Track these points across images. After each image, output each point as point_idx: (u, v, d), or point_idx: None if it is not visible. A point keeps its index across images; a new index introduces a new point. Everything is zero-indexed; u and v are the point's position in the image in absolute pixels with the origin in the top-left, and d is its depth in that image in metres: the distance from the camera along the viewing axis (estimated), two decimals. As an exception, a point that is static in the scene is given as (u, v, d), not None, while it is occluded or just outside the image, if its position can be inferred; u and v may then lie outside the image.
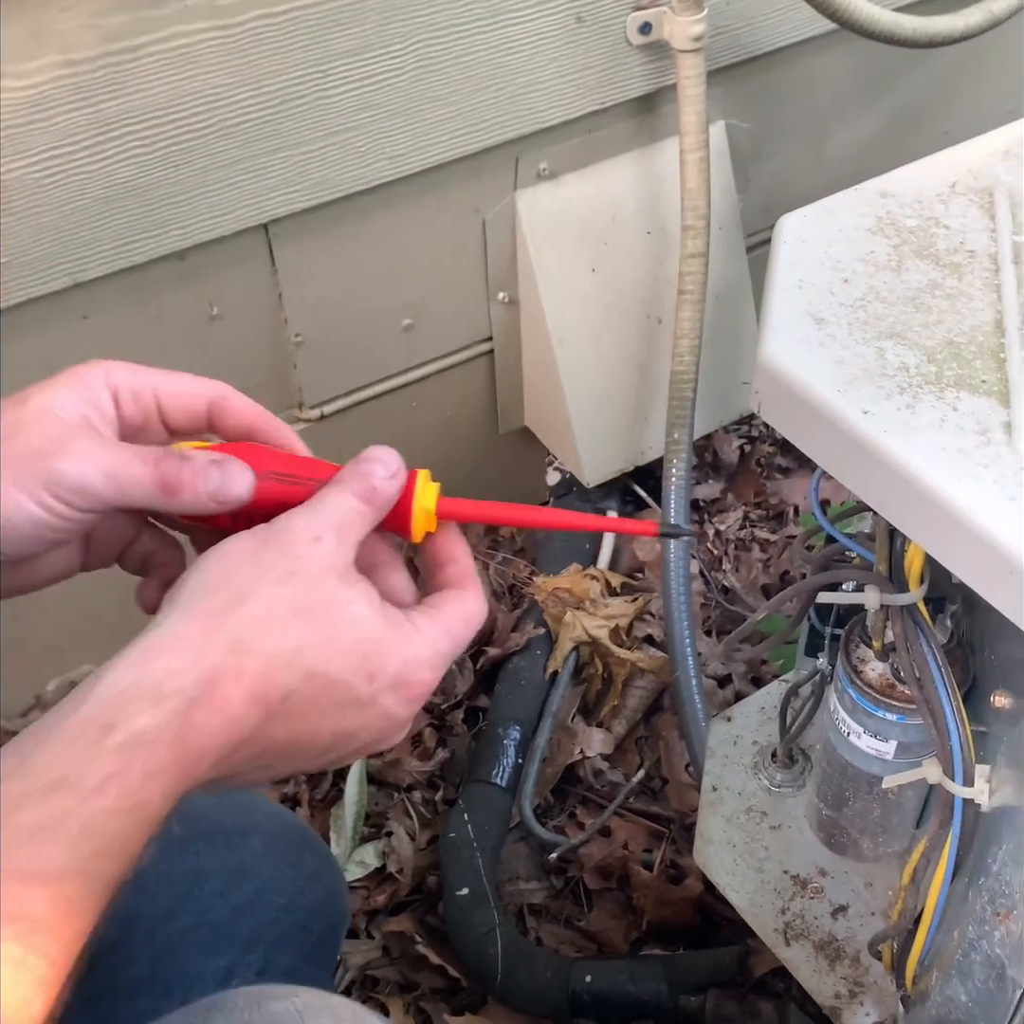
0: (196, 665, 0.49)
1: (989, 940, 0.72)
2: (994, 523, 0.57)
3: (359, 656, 0.53)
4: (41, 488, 0.52)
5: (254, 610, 0.51)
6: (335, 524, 0.54)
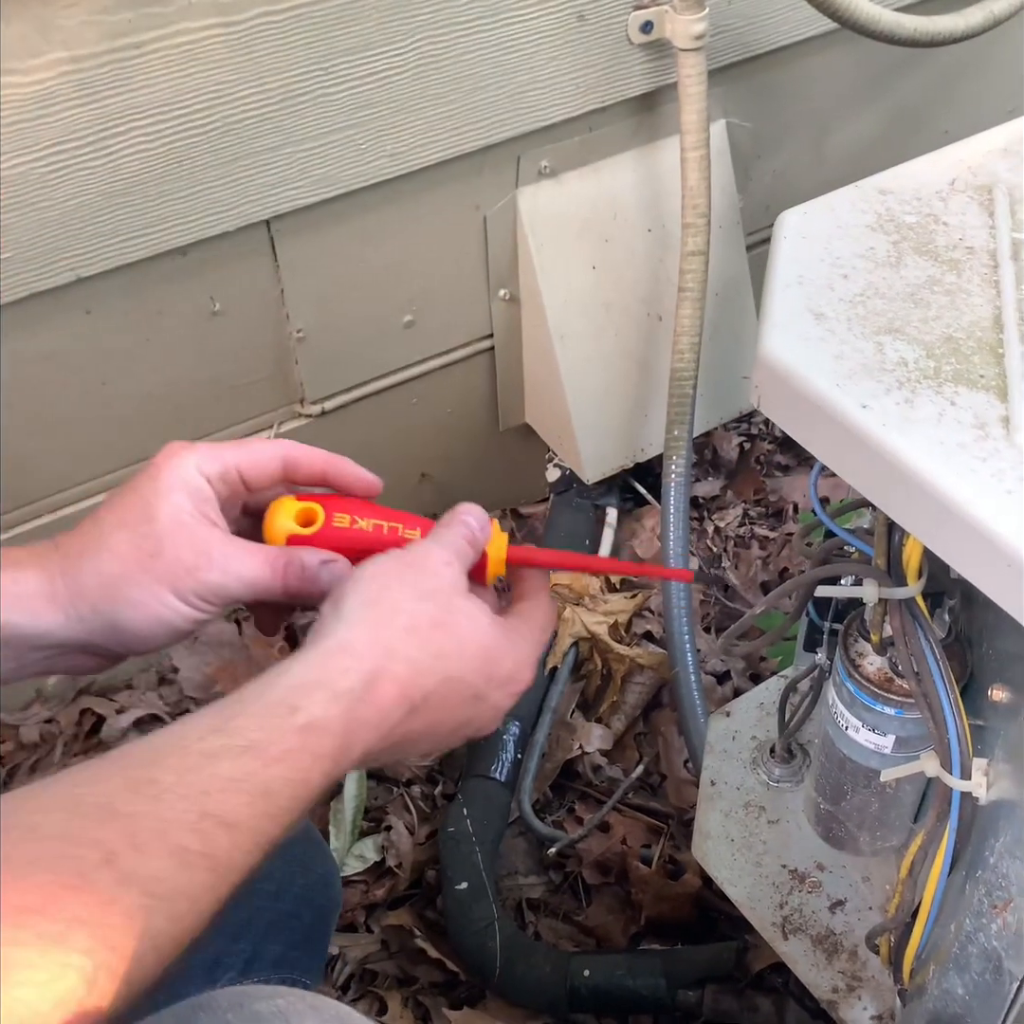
0: (361, 668, 0.59)
1: (986, 933, 0.73)
2: (992, 517, 0.57)
3: (482, 660, 0.64)
4: (192, 595, 0.65)
5: (404, 622, 0.61)
6: (457, 554, 0.67)
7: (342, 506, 0.71)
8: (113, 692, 1.46)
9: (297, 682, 0.58)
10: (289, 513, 0.71)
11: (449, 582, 0.64)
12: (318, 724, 0.57)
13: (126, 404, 1.27)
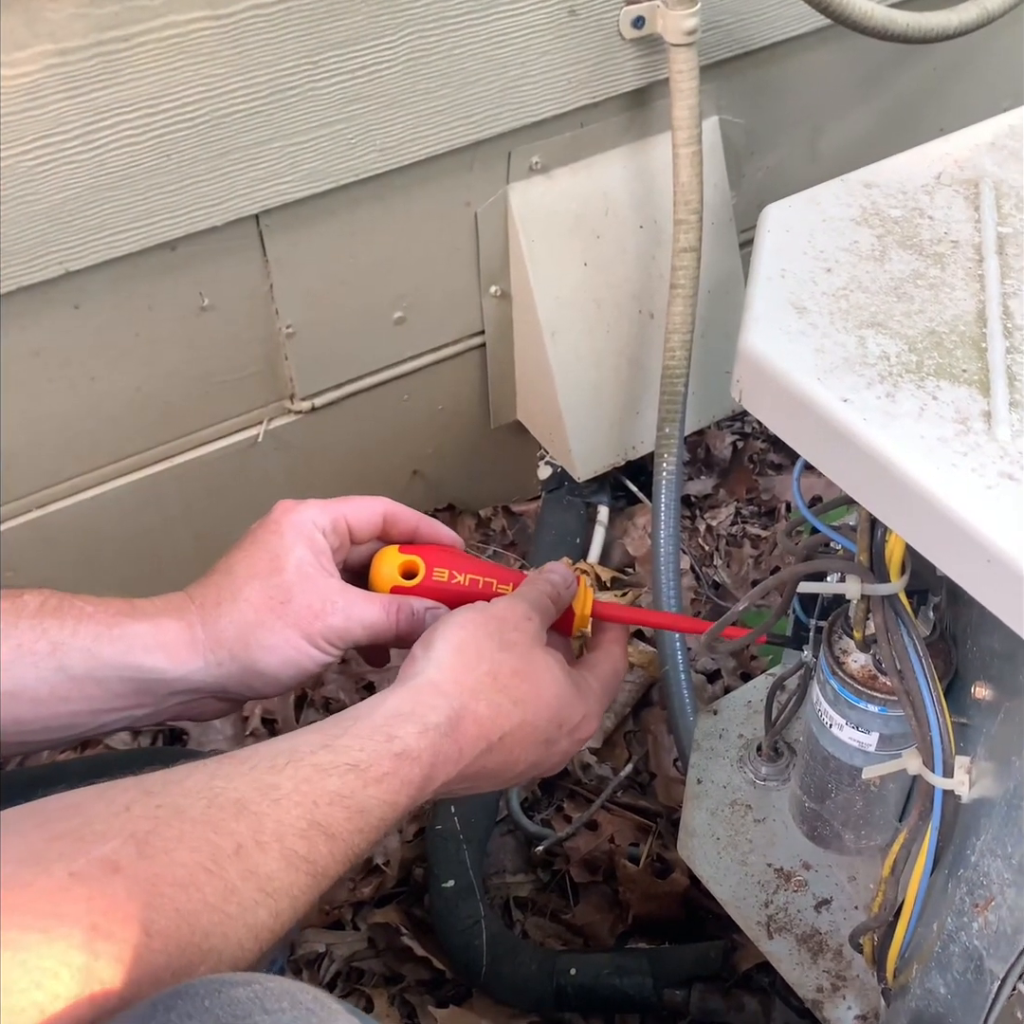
0: (448, 705, 0.65)
1: (967, 932, 0.72)
2: (972, 512, 0.57)
3: (555, 709, 0.70)
4: (320, 638, 0.73)
5: (487, 668, 0.68)
6: (539, 609, 0.73)
7: (441, 560, 0.79)
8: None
9: (393, 712, 0.64)
10: (393, 564, 0.78)
11: (529, 635, 0.71)
12: (410, 753, 0.62)
13: (115, 399, 1.27)
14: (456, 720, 0.65)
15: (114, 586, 1.41)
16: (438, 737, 0.64)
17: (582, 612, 0.79)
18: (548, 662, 0.71)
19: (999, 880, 0.68)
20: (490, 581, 0.78)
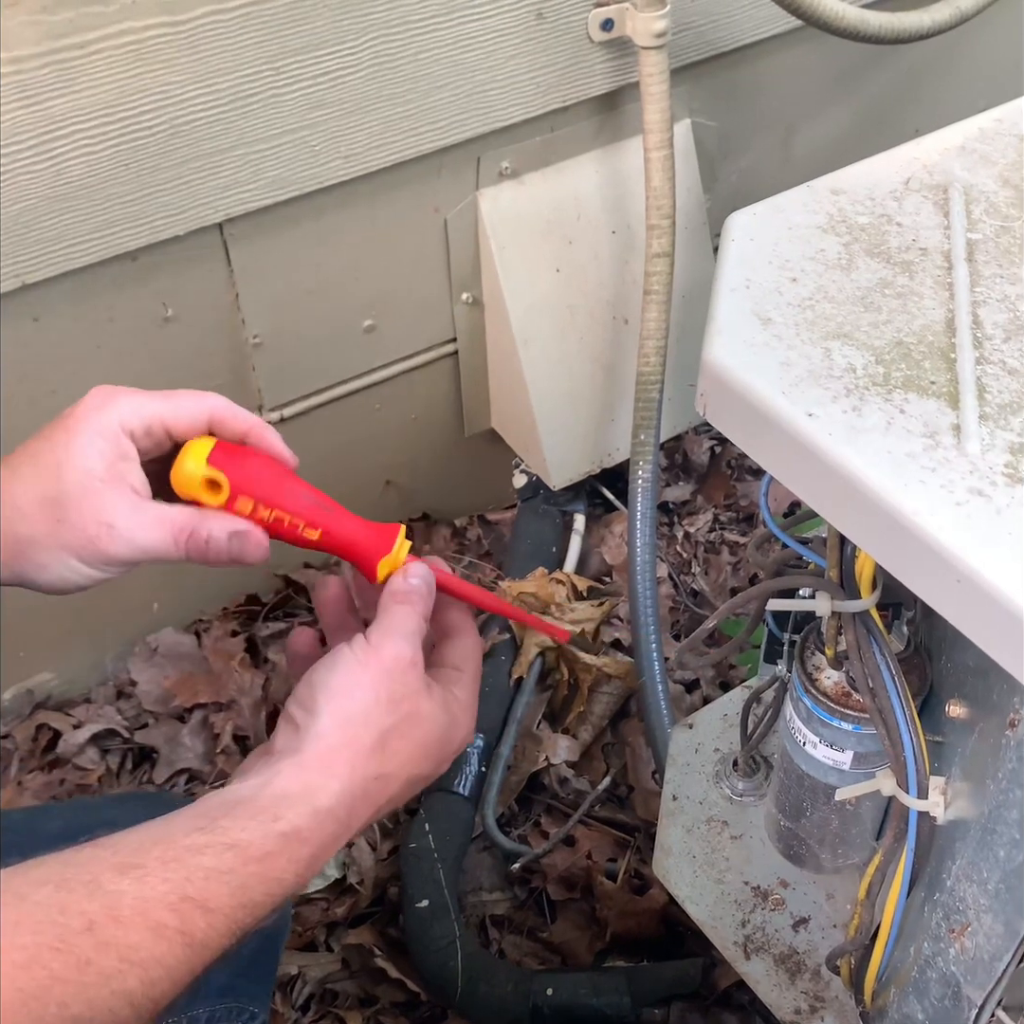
0: (342, 790, 0.62)
1: (944, 957, 0.70)
2: (940, 529, 0.55)
3: (439, 752, 0.68)
4: (96, 561, 0.66)
5: (375, 739, 0.64)
6: (419, 642, 0.68)
7: (251, 486, 0.69)
8: (70, 706, 1.44)
9: (280, 794, 0.61)
10: (198, 472, 0.68)
11: (415, 687, 0.67)
12: (299, 834, 0.60)
13: (77, 413, 1.24)
14: (349, 803, 0.63)
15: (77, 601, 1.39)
16: (329, 820, 0.62)
17: (392, 569, 0.72)
18: (430, 709, 0.67)
19: (975, 906, 0.66)
20: (296, 523, 0.70)
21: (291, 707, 0.65)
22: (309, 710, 0.64)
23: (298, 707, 0.65)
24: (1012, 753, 0.61)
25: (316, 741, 0.63)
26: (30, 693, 1.44)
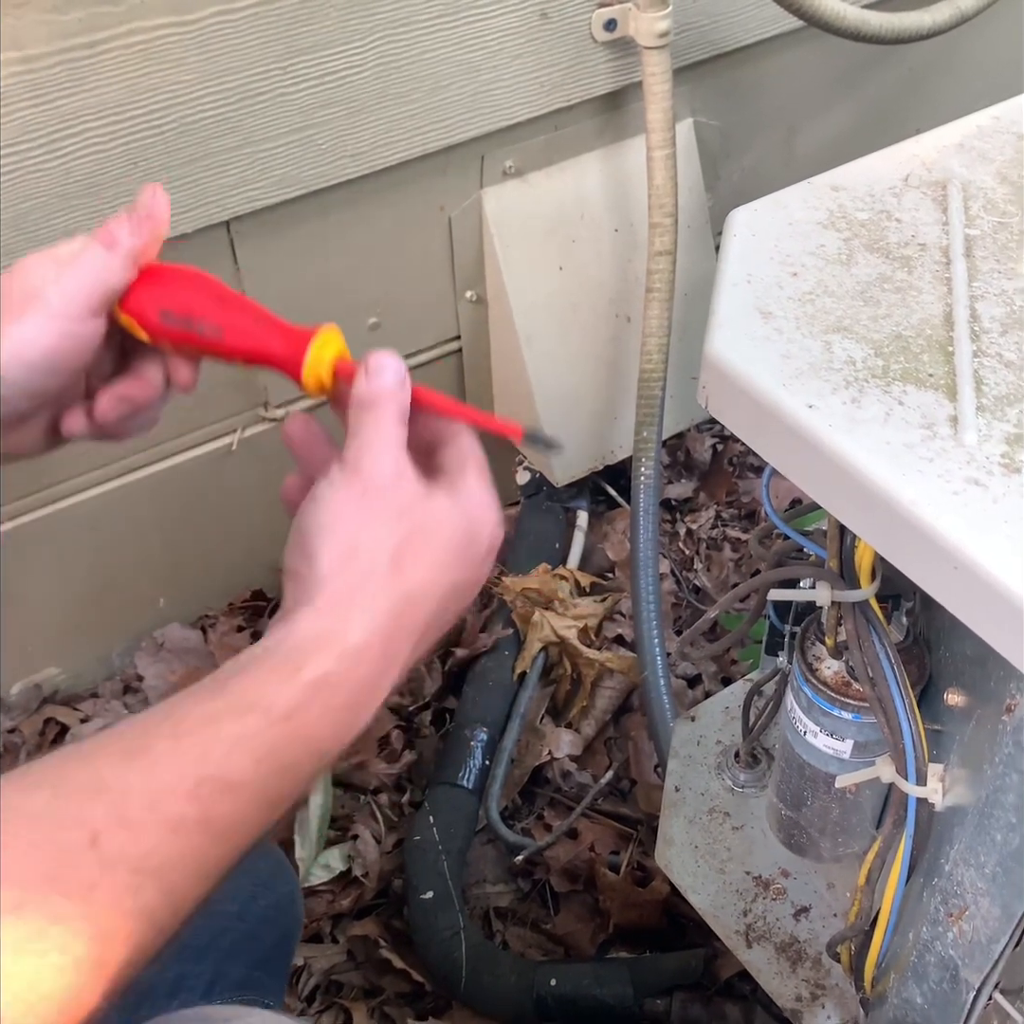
0: (364, 619, 0.55)
1: (943, 941, 0.71)
2: (938, 518, 0.56)
3: (469, 557, 0.60)
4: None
5: (386, 565, 0.57)
6: (399, 447, 0.59)
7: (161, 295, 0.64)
8: (77, 701, 1.45)
9: (298, 643, 0.54)
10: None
11: (411, 497, 0.59)
12: (326, 680, 0.53)
13: (85, 409, 1.26)
14: (379, 637, 0.55)
15: (84, 597, 1.40)
16: (361, 660, 0.54)
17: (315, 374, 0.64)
18: (436, 513, 0.59)
19: (972, 890, 0.67)
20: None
21: (289, 561, 0.59)
22: (308, 556, 0.58)
23: (296, 558, 0.59)
24: (1009, 738, 0.62)
25: (324, 584, 0.56)
26: (37, 687, 1.45)
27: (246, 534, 1.45)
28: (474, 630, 1.46)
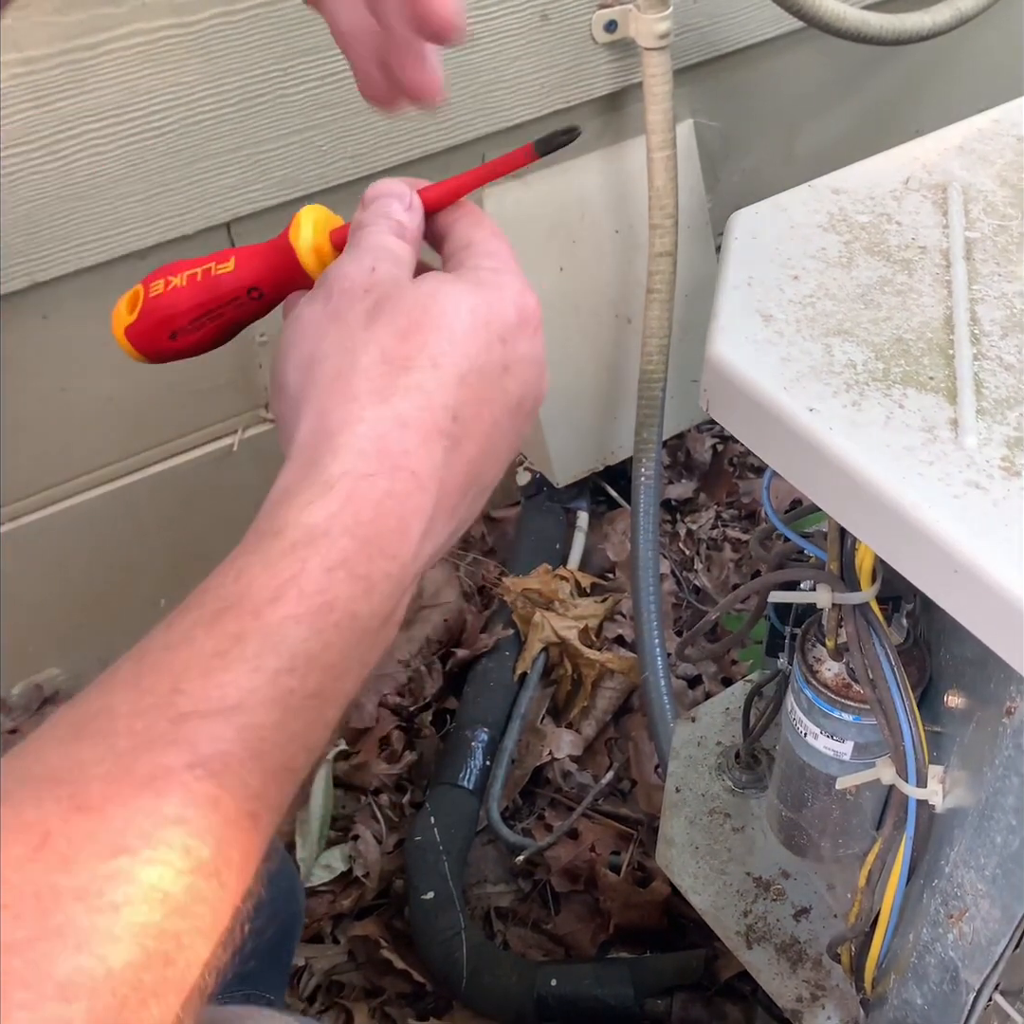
0: (354, 438, 0.45)
1: (943, 943, 0.72)
2: (938, 521, 0.56)
3: (482, 329, 0.49)
4: None
5: (372, 359, 0.47)
6: (384, 257, 0.51)
7: (159, 272, 0.61)
8: (78, 701, 1.45)
9: (279, 496, 0.45)
10: (124, 302, 0.63)
11: (388, 280, 0.50)
12: (316, 531, 0.43)
13: (86, 410, 1.26)
14: (375, 446, 0.45)
15: (85, 597, 1.40)
16: (354, 485, 0.44)
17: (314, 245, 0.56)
18: (426, 288, 0.49)
19: (972, 891, 0.67)
20: (208, 267, 0.59)
21: (273, 404, 0.51)
22: (285, 396, 0.50)
23: (276, 396, 0.51)
24: (1009, 741, 0.62)
25: (302, 416, 0.48)
26: (38, 688, 1.45)
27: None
28: (475, 630, 1.47)
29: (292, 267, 0.57)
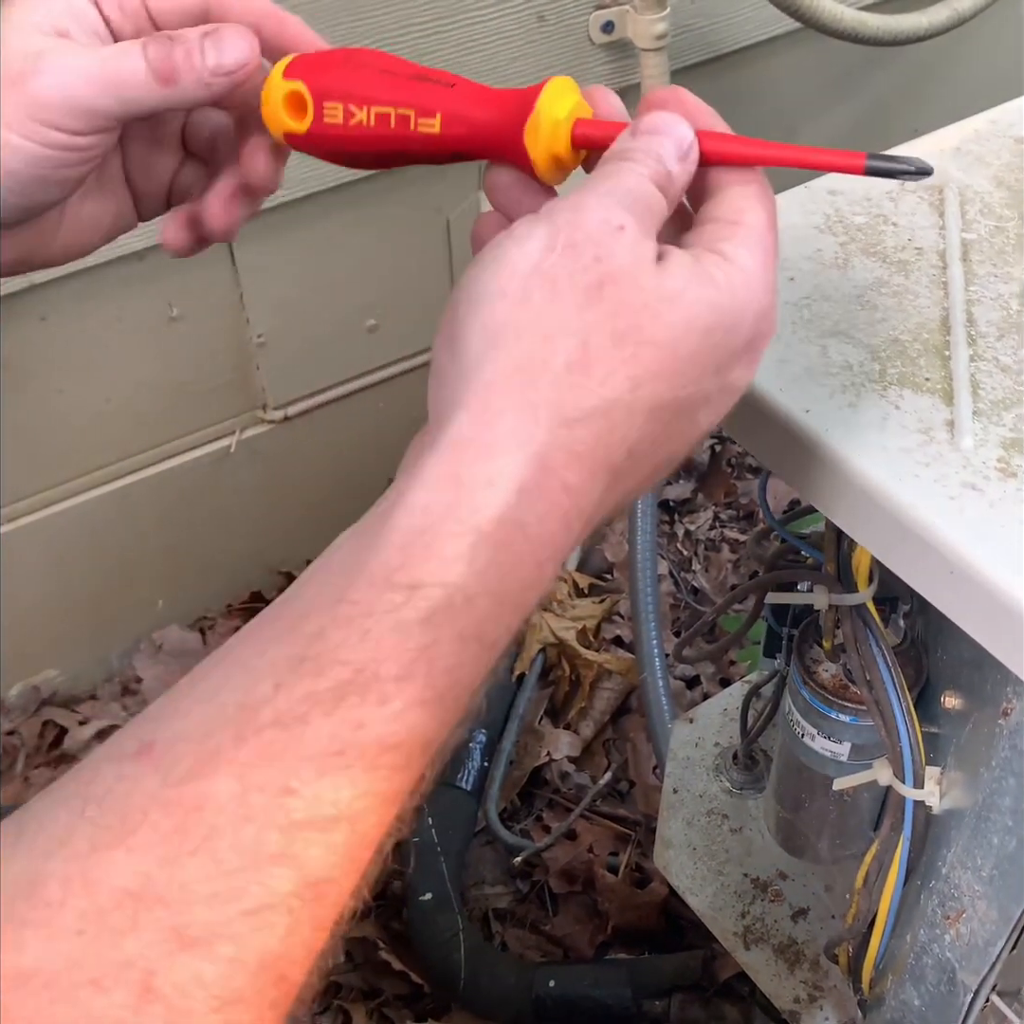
0: (515, 465, 0.38)
1: (940, 944, 0.72)
2: (934, 522, 0.56)
3: (707, 355, 0.42)
4: (27, 118, 0.46)
5: (569, 356, 0.39)
6: (637, 209, 0.42)
7: (333, 84, 0.50)
8: (76, 703, 1.45)
9: (408, 536, 0.38)
10: (279, 93, 0.51)
11: (626, 258, 0.40)
12: (452, 600, 0.37)
13: (83, 411, 1.26)
14: (536, 477, 0.38)
15: (82, 599, 1.40)
16: (505, 534, 0.38)
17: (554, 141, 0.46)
18: (671, 286, 0.41)
19: (970, 892, 0.67)
20: (406, 114, 0.48)
21: (436, 351, 0.42)
22: (452, 344, 0.41)
23: (442, 345, 0.42)
24: (1005, 742, 0.62)
25: (467, 390, 0.40)
26: (36, 689, 1.45)
27: (245, 536, 1.45)
28: (473, 631, 1.46)
29: (514, 150, 0.47)
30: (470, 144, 0.49)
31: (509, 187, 0.49)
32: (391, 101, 0.48)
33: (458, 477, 0.38)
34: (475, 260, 0.42)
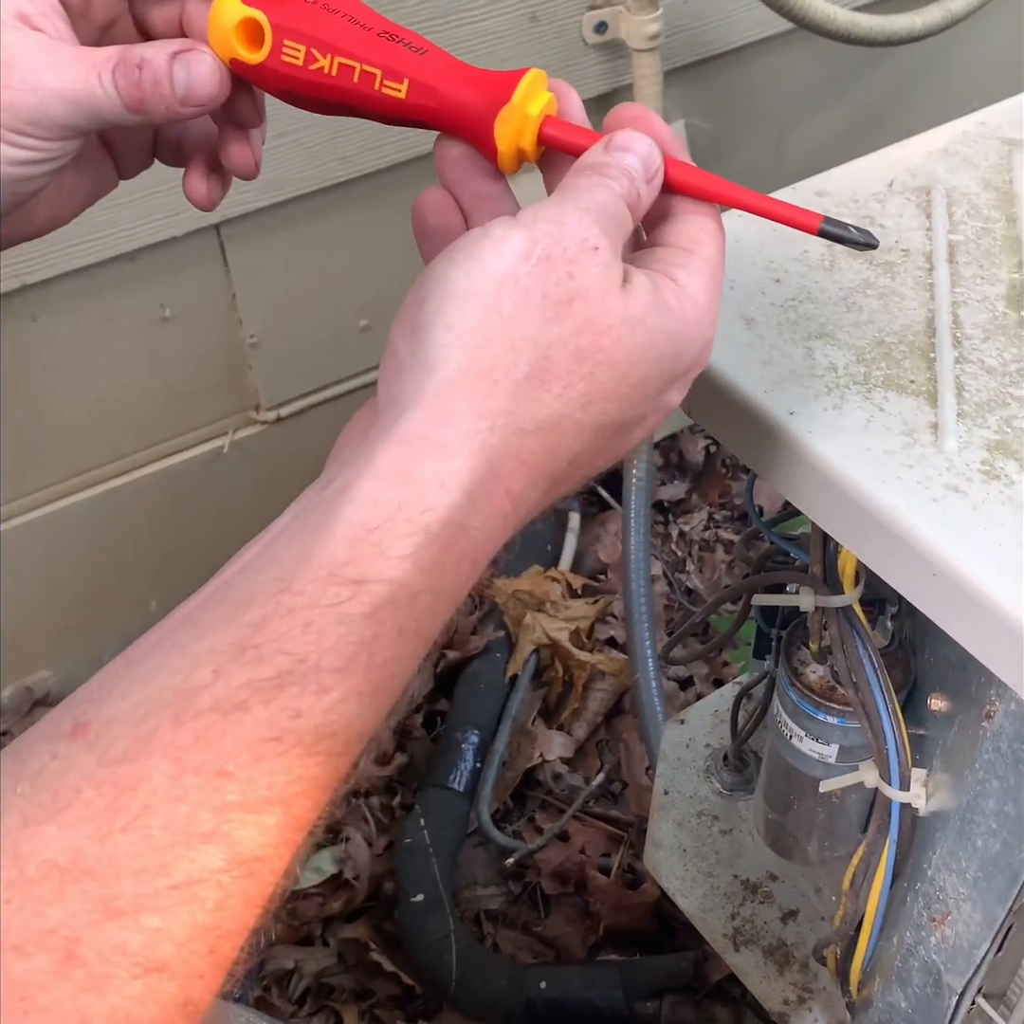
0: (466, 468, 0.40)
1: (926, 946, 0.72)
2: (917, 525, 0.56)
3: (655, 380, 0.44)
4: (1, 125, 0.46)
5: (531, 367, 0.41)
6: (608, 225, 0.43)
7: (299, 21, 0.47)
8: (69, 703, 1.45)
9: (356, 531, 0.39)
10: (230, 22, 0.47)
11: (596, 276, 0.41)
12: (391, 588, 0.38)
13: (75, 412, 1.26)
14: (482, 483, 0.40)
15: (75, 599, 1.40)
16: (449, 534, 0.39)
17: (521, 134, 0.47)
18: (629, 315, 0.42)
19: (955, 894, 0.67)
20: (372, 72, 0.47)
21: (394, 337, 0.43)
22: (413, 336, 0.42)
23: (401, 334, 0.43)
24: (989, 744, 0.62)
25: (425, 385, 0.40)
26: (29, 690, 1.45)
27: (237, 536, 1.44)
28: (465, 632, 1.46)
29: (480, 135, 0.47)
30: (433, 117, 0.48)
31: (460, 161, 0.49)
32: (359, 56, 0.47)
33: (410, 473, 0.40)
34: (446, 253, 0.43)
